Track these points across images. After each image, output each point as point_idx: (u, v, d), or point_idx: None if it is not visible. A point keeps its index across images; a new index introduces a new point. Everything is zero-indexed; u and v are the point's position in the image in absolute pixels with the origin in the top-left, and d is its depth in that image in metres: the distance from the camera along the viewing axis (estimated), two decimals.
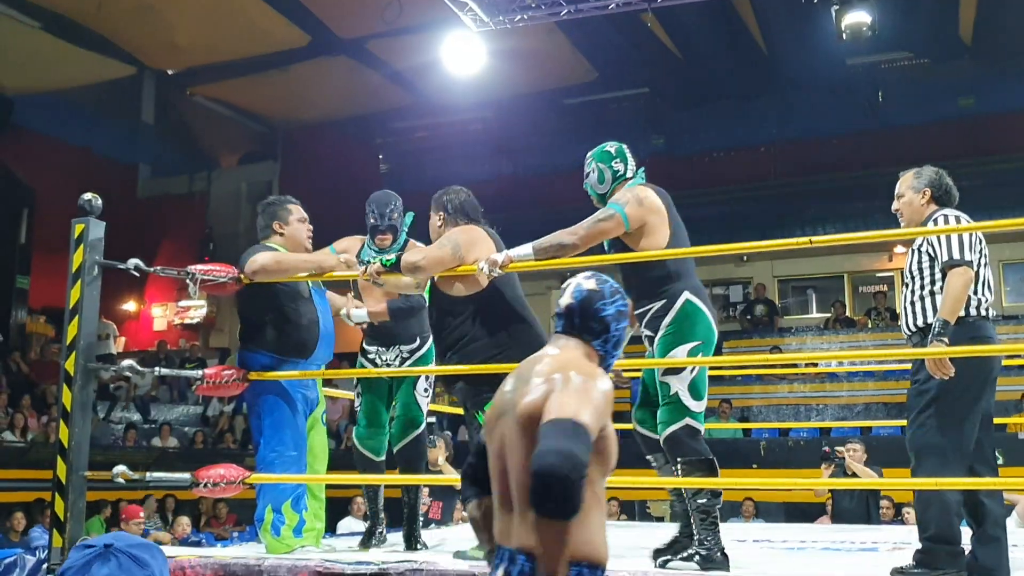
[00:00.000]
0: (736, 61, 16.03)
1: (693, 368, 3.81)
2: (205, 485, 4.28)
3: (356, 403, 4.90)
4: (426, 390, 4.85)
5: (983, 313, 3.81)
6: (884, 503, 8.21)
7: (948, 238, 3.77)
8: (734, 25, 15.00)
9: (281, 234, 4.68)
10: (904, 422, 11.95)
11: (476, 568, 3.62)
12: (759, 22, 14.96)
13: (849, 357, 12.28)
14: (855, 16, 9.89)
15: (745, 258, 16.40)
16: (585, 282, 2.47)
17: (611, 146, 4.12)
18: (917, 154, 16.09)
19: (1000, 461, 10.17)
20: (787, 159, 17.85)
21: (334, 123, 19.43)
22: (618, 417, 2.74)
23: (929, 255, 3.83)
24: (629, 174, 4.06)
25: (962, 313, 3.71)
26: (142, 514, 9.24)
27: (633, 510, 11.15)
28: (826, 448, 7.91)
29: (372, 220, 4.72)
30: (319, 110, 18.84)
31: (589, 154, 4.12)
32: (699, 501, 3.74)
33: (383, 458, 4.85)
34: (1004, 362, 12.22)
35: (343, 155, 19.47)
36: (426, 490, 6.48)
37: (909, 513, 7.81)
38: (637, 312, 3.96)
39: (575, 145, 21.31)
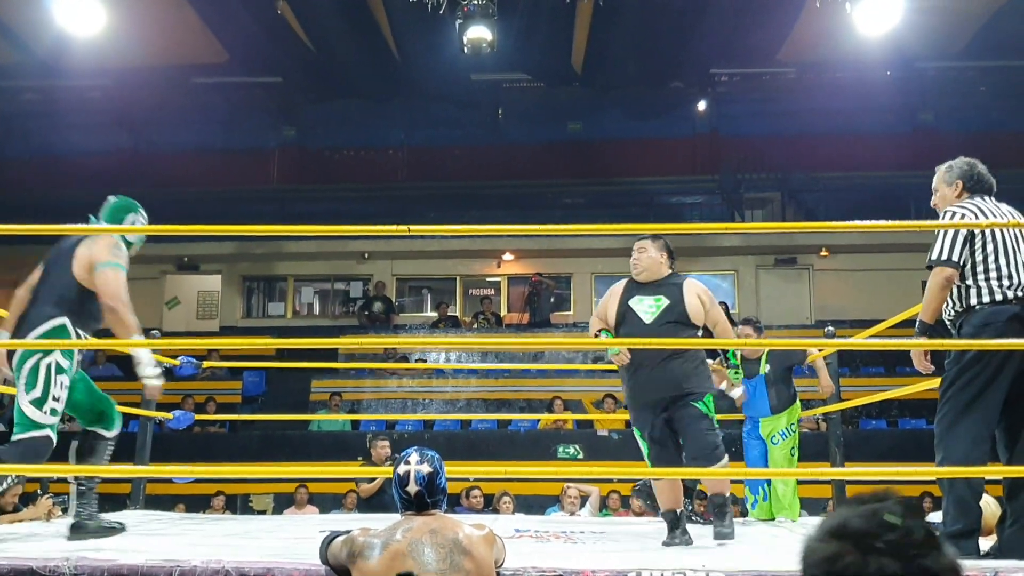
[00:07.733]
0: (369, 62, 16.35)
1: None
2: None
3: None
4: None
5: (1008, 297, 3.76)
6: (474, 492, 8.83)
7: (937, 236, 3.78)
8: (368, 26, 15.25)
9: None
10: (501, 416, 12.73)
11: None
12: (392, 27, 15.29)
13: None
14: (477, 31, 10.42)
15: (367, 255, 16.79)
16: (420, 467, 2.94)
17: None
18: (531, 170, 17.62)
19: (580, 456, 11.32)
20: (412, 163, 18.57)
21: None
22: None
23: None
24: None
25: (986, 300, 3.74)
26: None
27: (236, 504, 11.04)
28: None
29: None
30: None
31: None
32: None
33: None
34: (588, 366, 13.63)
35: None
36: None
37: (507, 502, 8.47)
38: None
39: (201, 125, 20.69)
